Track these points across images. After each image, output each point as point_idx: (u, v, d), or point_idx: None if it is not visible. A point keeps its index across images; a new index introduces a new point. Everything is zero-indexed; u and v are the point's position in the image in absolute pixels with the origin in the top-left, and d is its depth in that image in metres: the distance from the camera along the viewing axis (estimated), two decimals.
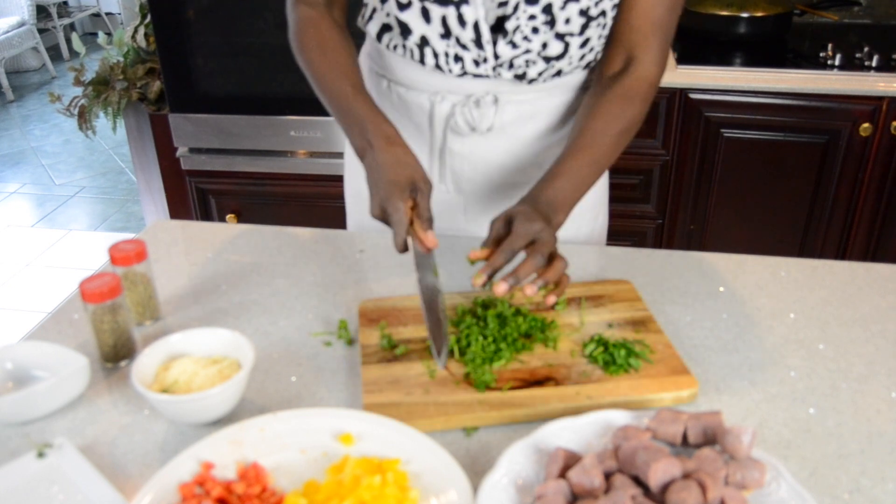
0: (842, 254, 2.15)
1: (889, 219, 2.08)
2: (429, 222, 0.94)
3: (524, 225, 0.88)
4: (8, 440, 0.83)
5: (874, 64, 1.96)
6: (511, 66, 1.05)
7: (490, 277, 0.86)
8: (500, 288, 0.85)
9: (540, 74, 1.07)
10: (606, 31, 1.07)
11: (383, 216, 0.94)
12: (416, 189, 0.94)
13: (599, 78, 1.09)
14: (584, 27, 1.02)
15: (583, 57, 1.07)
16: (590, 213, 1.24)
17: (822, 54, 2.01)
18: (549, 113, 1.13)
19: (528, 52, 1.03)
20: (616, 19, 1.05)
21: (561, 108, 1.14)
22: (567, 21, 1.00)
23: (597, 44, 1.07)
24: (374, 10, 1.10)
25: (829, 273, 1.11)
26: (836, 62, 1.98)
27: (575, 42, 1.03)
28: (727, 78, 1.99)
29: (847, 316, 1.02)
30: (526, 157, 1.16)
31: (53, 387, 0.85)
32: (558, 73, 1.08)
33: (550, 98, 1.12)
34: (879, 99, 1.93)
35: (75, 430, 0.84)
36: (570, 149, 1.00)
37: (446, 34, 1.03)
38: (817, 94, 1.96)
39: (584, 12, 1.00)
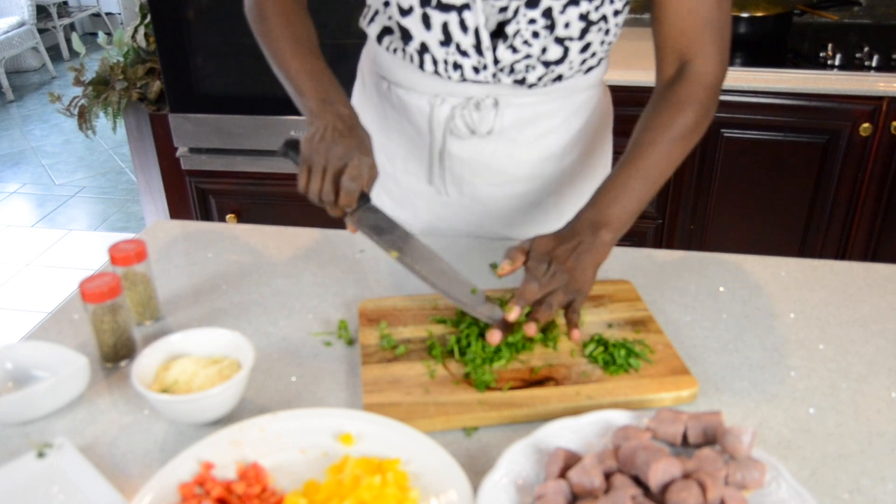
0: (842, 254, 2.15)
1: (889, 219, 2.08)
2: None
3: (554, 278, 0.89)
4: (8, 440, 0.83)
5: (874, 64, 1.96)
6: (511, 70, 1.05)
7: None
8: (531, 329, 0.88)
9: (540, 79, 1.06)
10: (609, 38, 1.06)
11: (327, 160, 0.92)
12: (372, 169, 0.94)
13: (656, 88, 1.05)
14: (584, 31, 1.01)
15: (584, 62, 1.07)
16: None
17: (822, 54, 2.01)
18: (549, 117, 1.13)
19: (528, 56, 1.03)
20: (663, 24, 1.01)
21: (561, 113, 1.13)
22: (567, 25, 1.00)
23: (598, 49, 1.06)
24: (376, 13, 1.10)
25: (829, 273, 1.11)
26: (836, 62, 1.98)
27: (575, 47, 1.03)
28: (727, 78, 1.98)
29: (847, 316, 1.02)
30: (526, 161, 1.16)
31: (53, 387, 0.85)
32: (558, 77, 1.08)
33: (551, 102, 1.12)
34: (879, 99, 1.93)
35: (75, 430, 0.84)
36: (621, 163, 0.98)
37: (446, 41, 1.02)
38: (817, 94, 1.96)
39: (583, 16, 0.99)
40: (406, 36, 1.04)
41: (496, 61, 1.03)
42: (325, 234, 1.23)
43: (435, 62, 1.05)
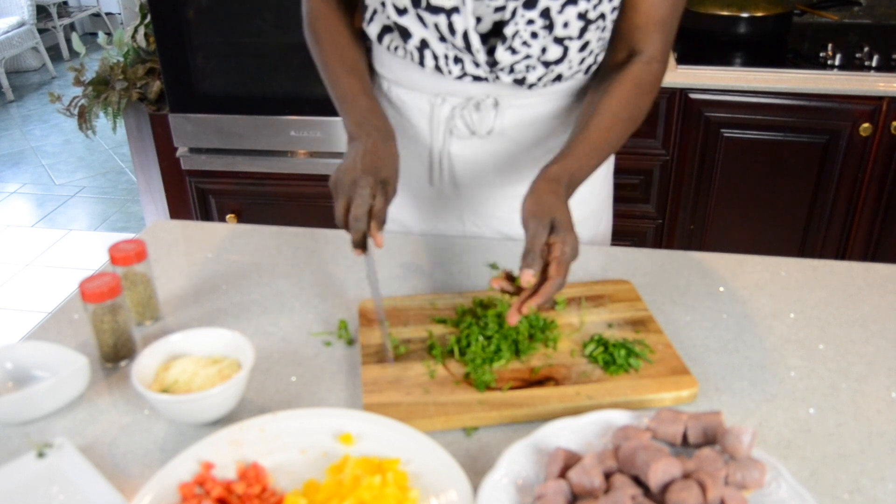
0: (842, 254, 2.15)
1: (889, 219, 2.08)
2: (382, 224, 0.93)
3: (567, 238, 0.86)
4: (8, 440, 0.83)
5: (874, 64, 1.96)
6: (511, 70, 1.05)
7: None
8: (514, 319, 0.87)
9: (539, 79, 1.06)
10: (606, 35, 1.06)
11: (338, 191, 0.93)
12: (385, 187, 0.93)
13: (605, 66, 1.09)
14: (583, 31, 1.01)
15: (583, 61, 1.07)
16: (593, 218, 1.24)
17: (822, 54, 2.01)
18: (549, 118, 1.13)
19: (527, 57, 1.03)
20: (619, 18, 1.05)
21: (562, 114, 1.13)
22: (565, 25, 1.00)
23: (596, 47, 1.07)
24: (374, 13, 1.11)
25: (829, 273, 1.11)
26: (836, 62, 1.98)
27: (574, 46, 1.03)
28: (727, 78, 1.99)
29: (847, 316, 1.02)
30: (526, 162, 1.16)
31: (53, 387, 0.85)
32: (558, 77, 1.08)
33: (551, 103, 1.12)
34: (879, 99, 1.93)
35: (75, 430, 0.84)
36: (590, 126, 0.99)
37: (443, 38, 1.03)
38: (817, 94, 1.96)
39: (582, 16, 0.99)
40: (405, 34, 1.05)
41: (494, 63, 1.03)
42: (325, 234, 1.23)
43: (435, 57, 1.05)
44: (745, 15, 2.16)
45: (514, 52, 1.02)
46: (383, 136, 0.98)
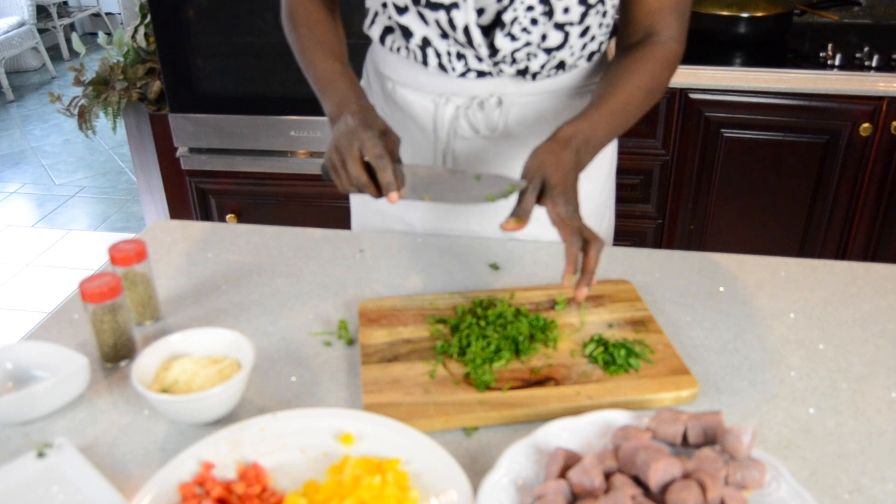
0: (842, 254, 2.15)
1: (889, 219, 2.08)
2: (399, 162, 0.95)
3: (557, 200, 0.89)
4: (8, 440, 0.83)
5: (874, 64, 1.96)
6: (513, 60, 1.05)
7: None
8: (582, 293, 0.88)
9: (542, 67, 1.07)
10: (607, 19, 1.06)
11: (342, 152, 0.93)
12: (387, 135, 0.94)
13: (621, 48, 1.09)
14: (584, 16, 1.02)
15: (584, 46, 1.07)
16: (595, 215, 1.24)
17: (822, 54, 2.01)
18: (553, 116, 1.13)
19: (528, 44, 1.03)
20: (634, 3, 1.06)
21: (565, 113, 1.13)
22: (566, 10, 1.00)
23: (597, 32, 1.07)
24: (376, 14, 1.11)
25: (829, 273, 1.11)
26: (836, 62, 1.98)
27: (575, 31, 1.04)
28: (727, 78, 1.99)
29: (847, 316, 1.02)
30: None
31: (53, 387, 0.85)
32: (561, 65, 1.08)
33: (555, 99, 1.12)
34: (879, 99, 1.93)
35: (75, 430, 0.84)
36: (609, 94, 1.00)
37: (445, 34, 1.03)
38: (817, 94, 1.96)
39: (582, 0, 1.00)
40: (407, 33, 1.05)
41: (495, 52, 1.03)
42: (325, 234, 1.23)
43: (438, 55, 1.06)
44: (745, 15, 2.16)
45: (513, 38, 1.02)
46: (363, 109, 0.99)
